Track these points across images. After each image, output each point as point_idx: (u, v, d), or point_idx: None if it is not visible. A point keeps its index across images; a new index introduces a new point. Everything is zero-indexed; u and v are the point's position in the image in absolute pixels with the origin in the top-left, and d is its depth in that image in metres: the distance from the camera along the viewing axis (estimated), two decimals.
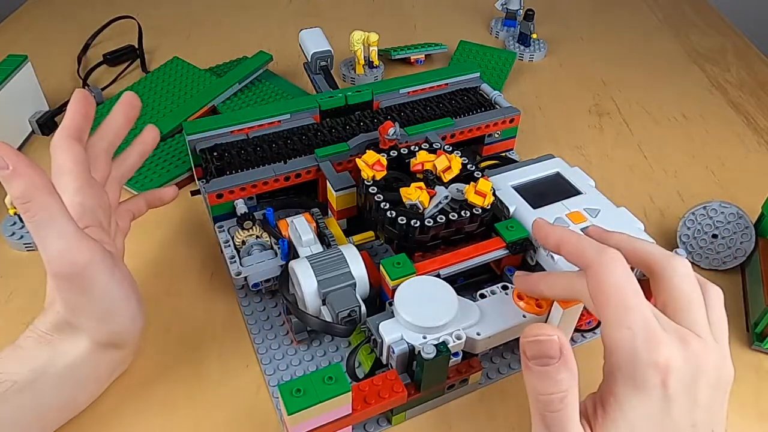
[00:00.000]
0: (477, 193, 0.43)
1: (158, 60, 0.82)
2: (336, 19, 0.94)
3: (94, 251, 0.34)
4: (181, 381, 0.42)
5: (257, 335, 0.44)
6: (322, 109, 0.56)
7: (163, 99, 0.68)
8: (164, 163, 0.59)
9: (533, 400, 0.30)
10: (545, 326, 0.28)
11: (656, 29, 0.94)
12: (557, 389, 0.28)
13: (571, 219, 0.45)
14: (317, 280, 0.40)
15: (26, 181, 0.31)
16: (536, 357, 0.28)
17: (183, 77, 0.71)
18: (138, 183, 0.57)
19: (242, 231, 0.46)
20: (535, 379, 0.29)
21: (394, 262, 0.41)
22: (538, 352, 0.28)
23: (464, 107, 0.58)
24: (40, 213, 0.32)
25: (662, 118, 0.73)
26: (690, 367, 0.29)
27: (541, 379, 0.28)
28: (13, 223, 0.53)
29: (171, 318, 0.47)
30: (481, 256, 0.43)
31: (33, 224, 0.32)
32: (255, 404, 0.41)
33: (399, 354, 0.37)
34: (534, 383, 0.29)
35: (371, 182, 0.45)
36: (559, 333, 0.28)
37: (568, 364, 0.28)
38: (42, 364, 0.36)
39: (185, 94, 0.68)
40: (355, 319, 0.40)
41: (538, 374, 0.28)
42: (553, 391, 0.28)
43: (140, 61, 0.81)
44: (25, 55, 0.65)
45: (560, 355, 0.28)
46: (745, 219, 0.50)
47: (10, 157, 0.30)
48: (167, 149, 0.61)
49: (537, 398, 0.29)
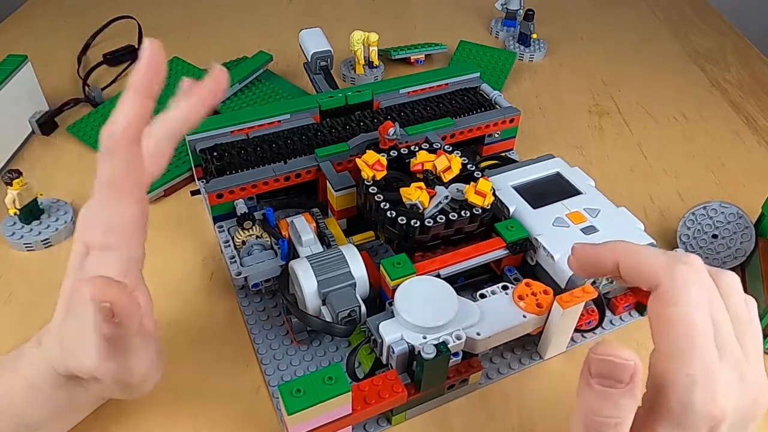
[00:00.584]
0: (477, 193, 0.43)
1: None
2: (336, 19, 0.94)
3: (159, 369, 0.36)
4: (181, 381, 0.42)
5: (257, 335, 0.44)
6: (322, 109, 0.56)
7: (164, 99, 0.67)
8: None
9: (583, 416, 0.26)
10: (622, 348, 0.25)
11: (656, 29, 0.94)
12: (615, 414, 0.26)
13: (571, 219, 0.45)
14: (317, 280, 0.40)
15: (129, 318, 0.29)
16: (603, 377, 0.25)
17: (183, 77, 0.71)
18: None
19: (242, 231, 0.46)
20: (593, 397, 0.26)
21: (394, 262, 0.41)
22: (608, 373, 0.25)
23: (464, 107, 0.58)
24: (135, 339, 0.32)
25: (662, 118, 0.73)
26: (741, 413, 0.27)
27: (601, 400, 0.26)
28: (13, 223, 0.53)
29: (171, 318, 0.47)
30: (481, 256, 0.43)
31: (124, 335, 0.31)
32: (255, 404, 0.41)
33: (399, 354, 0.37)
34: (591, 402, 0.26)
35: (371, 182, 0.45)
36: (636, 358, 0.25)
37: (634, 391, 0.25)
38: (60, 406, 0.36)
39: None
40: (355, 319, 0.40)
41: (598, 394, 0.26)
42: (610, 415, 0.26)
43: None
44: (25, 55, 0.65)
45: (630, 381, 0.25)
46: (745, 219, 0.50)
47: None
48: None
49: (590, 417, 0.26)
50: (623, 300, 0.46)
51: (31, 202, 0.53)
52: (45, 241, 0.53)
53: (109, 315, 0.28)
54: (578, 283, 0.41)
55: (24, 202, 0.52)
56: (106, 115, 0.66)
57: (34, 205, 0.53)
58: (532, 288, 0.41)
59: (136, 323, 0.30)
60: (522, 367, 0.43)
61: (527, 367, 0.43)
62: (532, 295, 0.40)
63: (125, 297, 0.28)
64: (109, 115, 0.30)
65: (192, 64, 0.73)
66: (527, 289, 0.41)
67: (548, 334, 0.42)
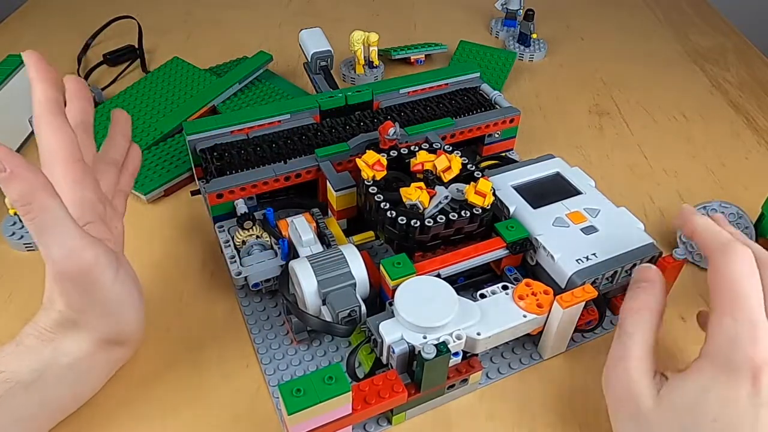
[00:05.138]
0: (477, 193, 0.43)
1: (158, 60, 0.81)
2: (336, 19, 0.94)
3: (98, 252, 0.34)
4: (181, 381, 0.42)
5: (257, 335, 0.44)
6: (322, 109, 0.56)
7: (163, 99, 0.68)
8: (164, 163, 0.59)
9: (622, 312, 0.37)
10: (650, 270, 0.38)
11: (656, 29, 0.94)
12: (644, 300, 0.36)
13: (571, 219, 0.45)
14: (317, 280, 0.40)
15: (25, 183, 0.30)
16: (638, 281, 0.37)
17: (183, 77, 0.71)
18: (138, 183, 0.57)
19: (242, 231, 0.46)
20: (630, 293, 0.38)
21: (394, 262, 0.41)
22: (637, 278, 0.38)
23: (464, 107, 0.58)
24: (40, 215, 0.31)
25: (662, 118, 0.73)
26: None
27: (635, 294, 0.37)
28: (13, 223, 0.53)
29: (171, 318, 0.47)
30: (481, 256, 0.43)
31: (34, 226, 0.32)
32: (255, 404, 0.41)
33: (399, 354, 0.37)
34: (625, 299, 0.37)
35: (371, 182, 0.45)
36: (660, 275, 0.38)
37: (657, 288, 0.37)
38: (44, 363, 0.35)
39: (185, 94, 0.68)
40: (356, 319, 0.40)
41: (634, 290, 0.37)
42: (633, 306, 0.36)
43: (140, 61, 0.81)
44: None
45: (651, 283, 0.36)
46: (745, 219, 0.50)
47: (8, 160, 0.30)
48: (167, 149, 0.61)
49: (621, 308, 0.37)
50: (623, 300, 0.46)
51: None
52: None
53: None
54: (578, 282, 0.41)
55: None
56: (106, 115, 0.67)
57: None
58: (532, 288, 0.41)
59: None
60: (522, 366, 0.43)
61: (527, 367, 0.43)
62: (533, 295, 0.40)
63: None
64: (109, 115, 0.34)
65: (192, 64, 0.73)
66: (527, 289, 0.41)
67: (548, 334, 0.42)
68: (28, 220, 0.31)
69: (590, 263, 0.42)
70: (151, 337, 0.44)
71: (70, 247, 0.33)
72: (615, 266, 0.42)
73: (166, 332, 0.46)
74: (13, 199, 0.31)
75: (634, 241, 0.43)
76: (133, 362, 0.42)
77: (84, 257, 0.33)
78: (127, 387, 0.42)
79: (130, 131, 0.46)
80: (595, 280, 0.42)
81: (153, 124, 0.64)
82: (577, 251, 0.43)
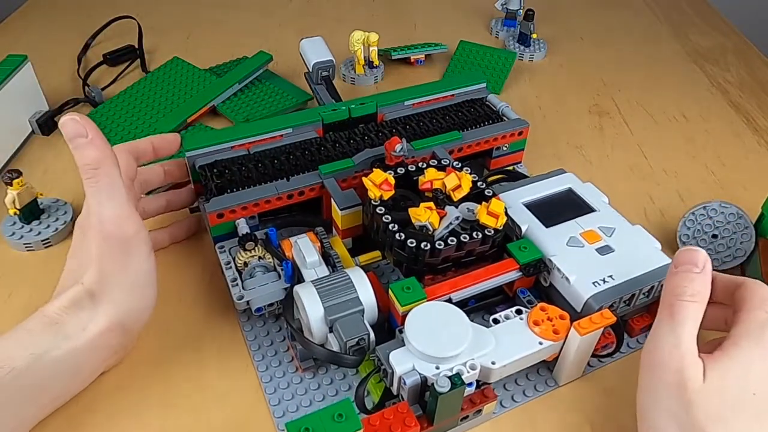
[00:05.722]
0: (489, 214, 0.41)
1: (158, 60, 0.80)
2: (336, 19, 0.93)
3: (141, 225, 0.39)
4: (180, 383, 0.42)
5: (260, 362, 0.43)
6: (325, 123, 0.54)
7: (163, 99, 0.67)
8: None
9: (667, 297, 0.35)
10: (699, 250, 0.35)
11: (656, 29, 0.93)
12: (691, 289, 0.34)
13: (585, 238, 0.44)
14: (324, 306, 0.38)
15: (98, 150, 0.36)
16: (683, 263, 0.35)
17: (183, 77, 0.71)
18: None
19: (244, 252, 0.45)
20: (675, 279, 0.35)
21: (403, 287, 0.39)
22: (687, 260, 0.35)
23: (471, 119, 0.57)
24: (104, 179, 0.36)
25: (662, 119, 0.72)
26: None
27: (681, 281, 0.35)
28: (12, 223, 0.53)
29: (171, 319, 0.46)
30: (493, 279, 0.42)
31: (95, 189, 0.36)
32: (255, 404, 0.40)
33: (411, 386, 0.35)
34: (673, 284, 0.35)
35: (378, 202, 0.43)
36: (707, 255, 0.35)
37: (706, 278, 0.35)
38: (44, 348, 0.36)
39: (185, 94, 0.68)
40: (364, 348, 0.38)
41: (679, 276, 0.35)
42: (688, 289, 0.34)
43: (140, 61, 0.80)
44: (25, 55, 0.64)
45: (703, 268, 0.35)
46: (745, 219, 0.49)
47: (90, 127, 0.36)
48: None
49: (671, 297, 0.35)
50: (639, 322, 0.45)
51: (31, 202, 0.52)
52: (45, 241, 0.52)
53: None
54: (595, 307, 0.39)
55: (24, 202, 0.52)
56: (106, 115, 0.66)
57: (34, 205, 0.53)
58: (548, 313, 0.39)
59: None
60: (537, 394, 0.41)
61: (542, 394, 0.41)
62: (548, 321, 0.39)
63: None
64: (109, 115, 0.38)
65: (192, 64, 0.72)
66: (543, 314, 0.39)
67: (564, 361, 0.40)
68: (92, 183, 0.36)
69: (607, 286, 0.40)
70: (150, 340, 0.44)
71: (120, 214, 0.37)
72: (633, 289, 0.40)
73: (166, 333, 0.45)
74: (83, 163, 0.36)
75: (652, 262, 0.42)
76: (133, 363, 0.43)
77: (130, 225, 0.38)
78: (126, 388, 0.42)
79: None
80: (613, 303, 0.40)
81: (153, 124, 0.64)
82: (593, 273, 0.41)
